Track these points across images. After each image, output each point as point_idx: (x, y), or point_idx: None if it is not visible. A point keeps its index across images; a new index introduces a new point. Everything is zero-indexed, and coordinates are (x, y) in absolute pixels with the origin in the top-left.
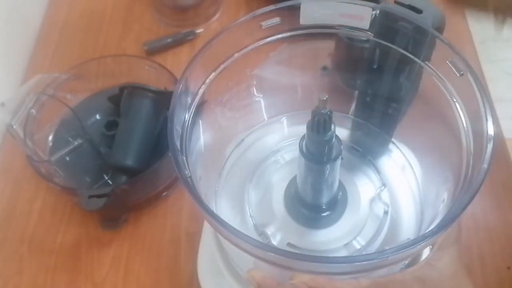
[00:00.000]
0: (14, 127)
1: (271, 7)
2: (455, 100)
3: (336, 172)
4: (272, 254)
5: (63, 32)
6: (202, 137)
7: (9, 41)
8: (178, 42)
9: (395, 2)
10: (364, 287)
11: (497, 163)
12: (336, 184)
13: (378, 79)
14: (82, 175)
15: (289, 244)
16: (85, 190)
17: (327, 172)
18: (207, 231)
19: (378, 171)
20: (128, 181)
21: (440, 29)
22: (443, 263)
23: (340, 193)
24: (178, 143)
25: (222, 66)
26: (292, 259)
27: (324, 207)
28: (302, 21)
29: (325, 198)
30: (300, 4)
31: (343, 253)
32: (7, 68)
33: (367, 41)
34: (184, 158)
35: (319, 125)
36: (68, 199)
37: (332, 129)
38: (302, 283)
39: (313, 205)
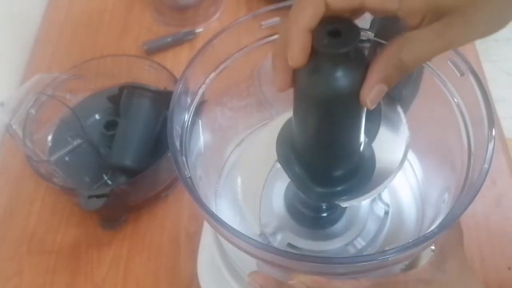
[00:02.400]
0: (14, 127)
1: (271, 7)
2: (455, 100)
3: None
4: (272, 254)
5: (62, 32)
6: (202, 137)
7: (8, 41)
8: (178, 42)
9: None
10: (365, 287)
11: (498, 163)
12: None
13: None
14: (82, 175)
15: (289, 245)
16: (84, 190)
17: None
18: (207, 231)
19: None
20: (127, 181)
21: None
22: (449, 265)
23: None
24: (178, 143)
25: (222, 66)
26: (292, 259)
27: (324, 207)
28: None
29: None
30: None
31: (343, 253)
32: (7, 68)
33: (367, 41)
34: (184, 158)
35: None
36: (67, 199)
37: None
38: (301, 283)
39: (313, 205)
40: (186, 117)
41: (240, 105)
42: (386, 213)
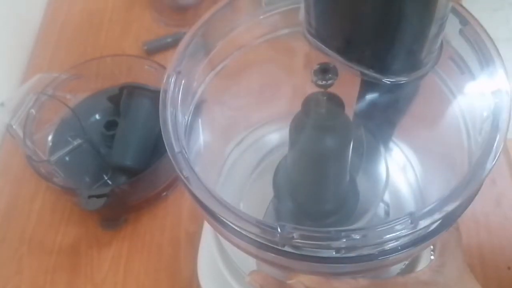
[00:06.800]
0: (14, 127)
1: (271, 7)
2: (456, 99)
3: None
4: (272, 254)
5: (62, 31)
6: (202, 136)
7: (8, 41)
8: (178, 42)
9: None
10: (363, 287)
11: (498, 163)
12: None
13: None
14: (82, 175)
15: None
16: (84, 190)
17: None
18: (207, 231)
19: None
20: (127, 181)
21: None
22: (448, 269)
23: None
24: None
25: (221, 65)
26: (292, 259)
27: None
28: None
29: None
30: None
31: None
32: (7, 68)
33: None
34: None
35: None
36: (67, 199)
37: None
38: (300, 283)
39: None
40: (186, 116)
41: (240, 104)
42: (386, 213)
